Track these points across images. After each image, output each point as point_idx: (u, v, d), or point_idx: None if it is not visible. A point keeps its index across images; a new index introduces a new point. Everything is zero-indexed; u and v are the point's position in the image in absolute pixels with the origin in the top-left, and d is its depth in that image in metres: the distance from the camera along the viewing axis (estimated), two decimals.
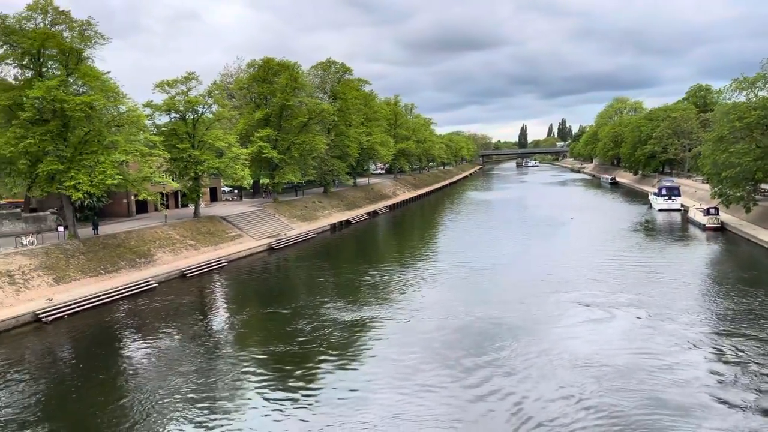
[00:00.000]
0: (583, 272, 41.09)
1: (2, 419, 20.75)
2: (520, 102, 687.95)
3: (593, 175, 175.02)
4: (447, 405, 20.73)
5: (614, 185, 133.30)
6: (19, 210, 51.05)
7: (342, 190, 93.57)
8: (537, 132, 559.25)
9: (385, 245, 63.81)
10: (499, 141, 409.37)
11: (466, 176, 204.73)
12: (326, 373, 24.18)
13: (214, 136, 56.17)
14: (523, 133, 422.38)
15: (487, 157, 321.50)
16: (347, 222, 76.73)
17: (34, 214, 50.78)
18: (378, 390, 22.14)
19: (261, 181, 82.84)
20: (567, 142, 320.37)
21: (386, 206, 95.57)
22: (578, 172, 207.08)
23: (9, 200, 62.77)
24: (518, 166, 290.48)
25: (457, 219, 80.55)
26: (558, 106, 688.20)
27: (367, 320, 31.29)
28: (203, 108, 57.45)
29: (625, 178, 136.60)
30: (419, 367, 24.14)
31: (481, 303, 33.78)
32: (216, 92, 59.79)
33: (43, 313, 33.12)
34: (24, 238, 41.56)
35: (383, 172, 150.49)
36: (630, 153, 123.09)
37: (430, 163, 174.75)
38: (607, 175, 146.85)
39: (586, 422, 19.12)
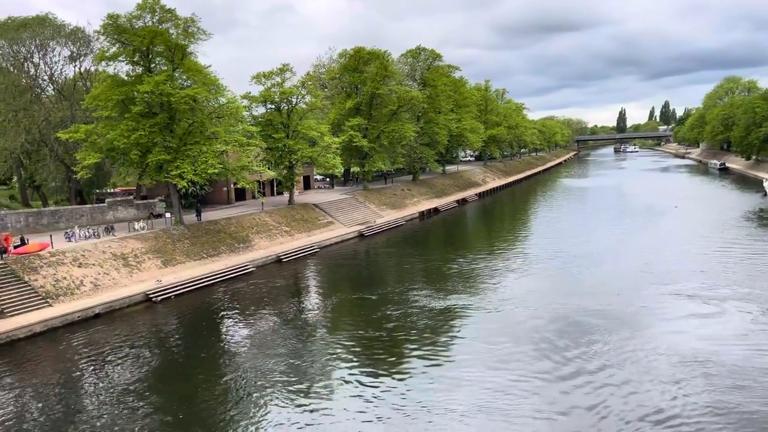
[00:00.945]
0: (687, 264, 38.77)
1: (117, 388, 22.65)
2: (619, 84, 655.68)
3: (700, 161, 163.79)
4: (536, 399, 20.35)
5: (723, 171, 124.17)
6: (131, 197, 55.08)
7: (431, 178, 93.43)
8: (637, 116, 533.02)
9: (475, 233, 63.19)
10: (595, 126, 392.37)
11: (560, 163, 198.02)
12: (414, 360, 24.42)
13: (307, 125, 57.79)
14: (622, 116, 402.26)
15: (582, 143, 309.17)
16: (436, 210, 76.64)
17: (145, 201, 54.58)
18: (465, 379, 22.10)
19: (351, 169, 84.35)
20: (670, 126, 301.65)
21: (475, 194, 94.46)
22: (683, 157, 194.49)
23: (122, 188, 67.90)
24: (616, 151, 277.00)
25: (549, 207, 78.26)
26: (661, 87, 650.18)
27: (456, 308, 31.23)
28: (297, 98, 59.19)
29: (735, 163, 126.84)
30: (508, 359, 23.84)
31: (574, 294, 32.76)
32: (309, 83, 61.36)
33: (153, 293, 35.68)
34: (136, 223, 44.84)
35: (473, 159, 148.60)
36: (742, 136, 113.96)
37: (522, 150, 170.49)
38: (715, 161, 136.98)
39: (687, 426, 18.16)
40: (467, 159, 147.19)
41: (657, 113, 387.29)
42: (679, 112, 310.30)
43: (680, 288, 32.76)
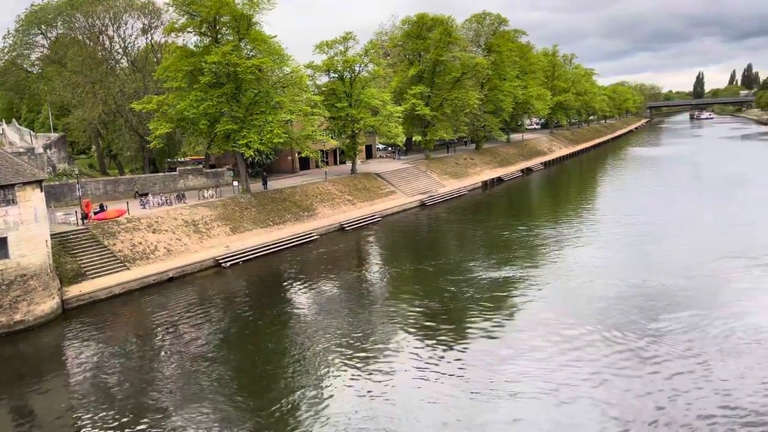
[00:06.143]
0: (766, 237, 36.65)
1: (189, 347, 23.77)
2: (699, 46, 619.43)
3: None
4: (600, 381, 19.78)
5: None
6: (200, 166, 56.86)
7: (494, 147, 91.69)
8: (716, 80, 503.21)
9: (539, 203, 61.84)
10: (670, 91, 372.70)
11: (631, 130, 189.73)
12: (473, 333, 24.30)
13: (369, 94, 57.56)
14: (699, 81, 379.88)
15: (655, 110, 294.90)
16: (499, 179, 75.37)
17: (213, 170, 56.24)
18: (525, 355, 21.70)
19: (413, 138, 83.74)
20: (753, 91, 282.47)
21: (541, 163, 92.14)
22: (766, 124, 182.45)
23: (192, 157, 70.10)
24: (692, 118, 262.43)
25: (619, 177, 75.46)
26: (745, 49, 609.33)
27: (518, 280, 30.82)
28: (360, 67, 58.93)
29: None
30: (572, 335, 23.26)
31: (646, 267, 31.67)
32: (372, 51, 60.88)
33: (222, 259, 36.99)
34: (205, 191, 46.36)
35: (539, 126, 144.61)
36: None
37: (591, 117, 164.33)
38: None
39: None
40: (533, 127, 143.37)
41: (738, 77, 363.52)
42: (763, 76, 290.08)
43: (761, 262, 31.06)
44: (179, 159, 68.53)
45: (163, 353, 23.79)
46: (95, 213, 37.64)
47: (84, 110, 54.83)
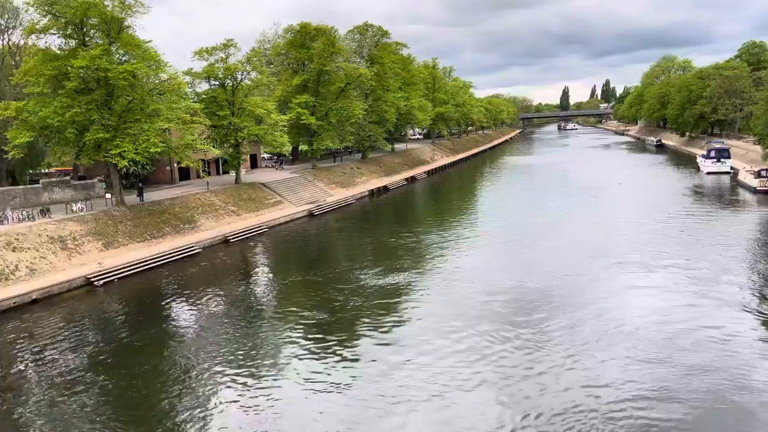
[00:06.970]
0: (626, 238, 40.29)
1: (58, 376, 21.84)
2: (565, 63, 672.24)
3: (638, 138, 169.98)
4: (484, 378, 20.73)
5: (660, 148, 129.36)
6: (68, 178, 52.74)
7: (380, 156, 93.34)
8: (580, 94, 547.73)
9: (424, 211, 63.70)
10: (540, 104, 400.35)
11: (506, 140, 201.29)
12: (363, 340, 24.45)
13: (253, 103, 56.46)
14: (565, 95, 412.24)
15: (527, 121, 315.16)
16: (385, 188, 76.76)
17: (83, 181, 52.38)
18: (415, 360, 22.15)
19: (299, 148, 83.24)
20: (611, 104, 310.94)
21: (424, 172, 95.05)
22: (622, 134, 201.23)
23: (58, 168, 64.95)
24: (559, 129, 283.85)
25: (496, 184, 79.69)
26: (604, 66, 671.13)
27: (406, 287, 31.48)
28: (242, 75, 57.65)
29: (671, 140, 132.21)
30: (455, 337, 24.03)
31: (521, 269, 33.56)
32: (254, 59, 59.81)
33: (94, 277, 34.46)
34: (74, 204, 43.03)
35: (421, 137, 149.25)
36: (677, 114, 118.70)
37: (469, 128, 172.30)
38: (652, 138, 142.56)
39: (638, 397, 18.99)
40: (416, 137, 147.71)
41: (599, 91, 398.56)
42: (619, 91, 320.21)
43: (620, 263, 34.03)
44: (43, 170, 63.24)
45: (27, 384, 21.66)
46: None
47: None
